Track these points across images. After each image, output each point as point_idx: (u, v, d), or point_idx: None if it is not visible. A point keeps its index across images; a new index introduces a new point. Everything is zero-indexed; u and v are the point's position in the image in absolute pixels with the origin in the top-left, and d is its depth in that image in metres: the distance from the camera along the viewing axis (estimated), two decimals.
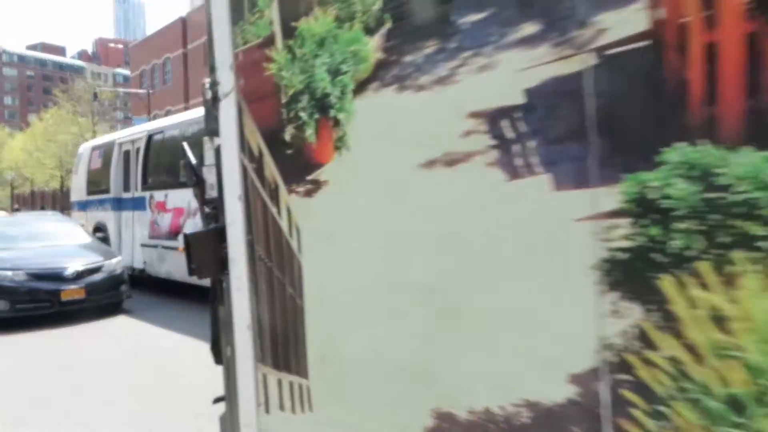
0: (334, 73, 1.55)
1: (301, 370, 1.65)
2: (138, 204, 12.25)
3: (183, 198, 10.61)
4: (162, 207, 11.30)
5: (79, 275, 9.66)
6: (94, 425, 5.17)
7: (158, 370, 6.79)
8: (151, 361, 7.29)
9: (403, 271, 1.46)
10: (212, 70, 1.91)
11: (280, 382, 1.70)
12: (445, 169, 1.35)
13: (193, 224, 10.30)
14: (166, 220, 11.32)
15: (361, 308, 1.55)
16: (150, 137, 12.00)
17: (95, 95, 45.02)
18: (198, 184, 2.16)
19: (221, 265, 1.92)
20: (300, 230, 1.67)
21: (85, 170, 14.75)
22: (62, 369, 7.02)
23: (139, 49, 60.18)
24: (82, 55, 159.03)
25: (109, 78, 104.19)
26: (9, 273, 9.40)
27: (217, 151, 1.97)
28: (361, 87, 1.51)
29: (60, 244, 10.80)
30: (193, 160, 2.24)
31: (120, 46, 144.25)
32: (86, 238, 11.46)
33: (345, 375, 1.59)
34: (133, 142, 12.67)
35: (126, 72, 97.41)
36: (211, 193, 2.12)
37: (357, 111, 1.52)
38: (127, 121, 65.71)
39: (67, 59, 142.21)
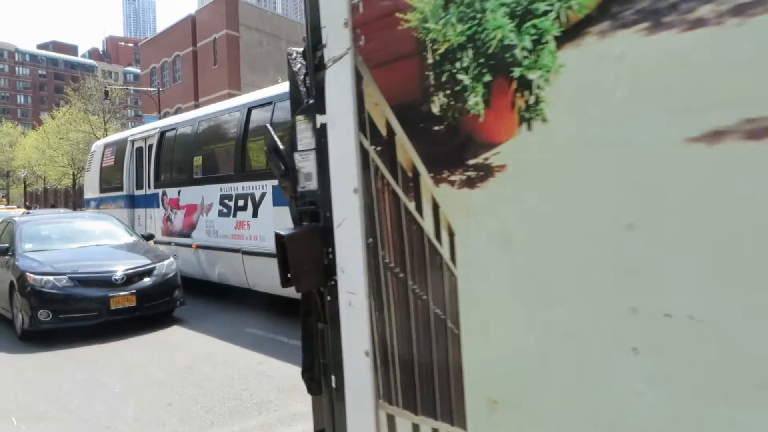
0: (522, 15, 1.08)
1: (455, 417, 1.20)
2: (151, 201, 11.88)
3: (196, 195, 10.25)
4: (175, 204, 10.92)
5: (129, 279, 8.31)
6: None
7: (233, 404, 5.39)
8: (223, 392, 5.71)
9: (628, 295, 1.00)
10: (314, 30, 1.50)
11: (417, 429, 1.27)
12: (740, 144, 0.87)
13: (206, 221, 9.91)
14: (179, 218, 10.93)
15: (553, 340, 1.09)
16: (162, 134, 11.63)
17: (106, 93, 44.68)
18: (287, 174, 1.75)
19: (325, 273, 1.52)
20: (455, 232, 1.22)
21: (98, 167, 14.39)
22: (116, 398, 5.64)
23: (149, 47, 59.91)
24: (92, 53, 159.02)
25: (119, 76, 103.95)
26: (50, 278, 8.00)
27: (320, 133, 1.56)
28: (573, 31, 1.03)
29: (102, 244, 9.59)
30: (281, 145, 1.83)
31: (130, 44, 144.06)
32: (130, 237, 10.06)
33: (526, 430, 1.13)
34: (145, 139, 12.30)
35: (136, 70, 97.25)
36: (307, 185, 1.71)
37: (565, 66, 1.06)
38: (137, 119, 65.45)
39: (78, 58, 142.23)
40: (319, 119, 1.55)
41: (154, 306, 8.58)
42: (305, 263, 1.55)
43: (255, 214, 8.89)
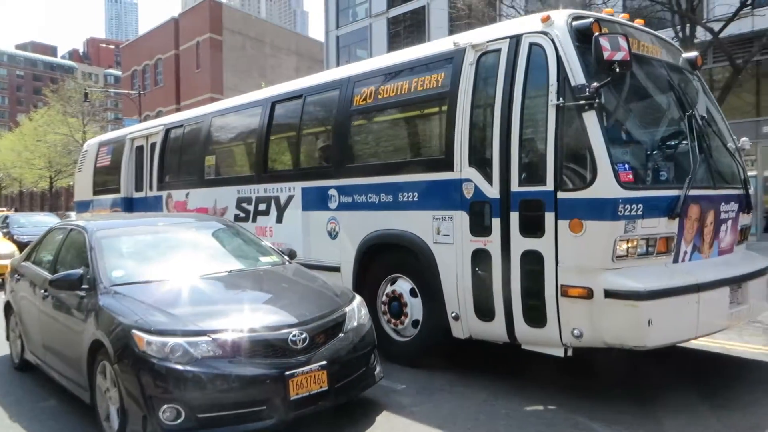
0: None
1: None
2: (152, 205, 10.62)
3: (208, 197, 9.05)
4: (182, 207, 9.69)
5: (312, 341, 4.56)
6: None
7: None
8: None
9: None
10: None
11: None
12: None
13: None
14: None
15: None
16: (168, 131, 10.39)
17: (86, 95, 42.84)
18: None
19: None
20: None
21: (91, 168, 13.04)
22: None
23: (131, 49, 58.28)
24: (72, 54, 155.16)
25: (100, 78, 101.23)
26: (180, 342, 4.24)
27: None
28: None
29: (235, 270, 5.68)
30: None
31: (111, 46, 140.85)
32: (269, 256, 6.20)
33: None
34: (147, 137, 11.04)
35: (117, 72, 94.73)
36: None
37: None
38: (117, 122, 63.38)
39: (57, 59, 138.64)
40: None
41: (350, 385, 4.79)
42: None
43: (279, 219, 7.73)
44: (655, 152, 5.40)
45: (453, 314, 5.80)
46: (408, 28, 35.78)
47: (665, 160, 5.40)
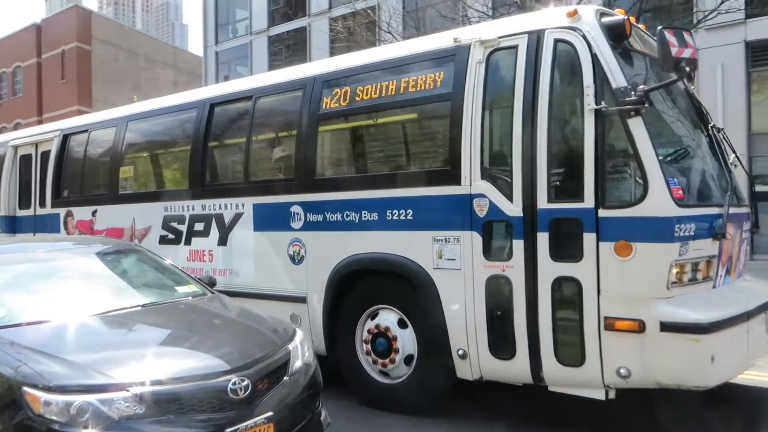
0: None
1: None
2: (44, 224, 8.96)
3: (123, 215, 7.63)
4: (86, 228, 8.17)
5: (254, 389, 3.66)
6: None
7: None
8: None
9: None
10: None
11: None
12: None
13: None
14: None
15: None
16: (66, 138, 8.78)
17: None
18: None
19: None
20: None
21: None
22: None
23: None
24: None
25: None
26: (89, 399, 3.21)
27: None
28: None
29: (151, 303, 4.58)
30: None
31: None
32: (188, 286, 5.11)
33: None
34: (36, 144, 9.35)
35: None
36: None
37: None
38: None
39: None
40: None
41: None
42: None
43: (223, 242, 6.53)
44: (692, 166, 4.85)
45: (459, 352, 4.93)
46: (290, 47, 35.38)
47: (701, 174, 4.87)
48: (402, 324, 5.33)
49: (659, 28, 4.18)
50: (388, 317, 5.41)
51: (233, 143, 7.02)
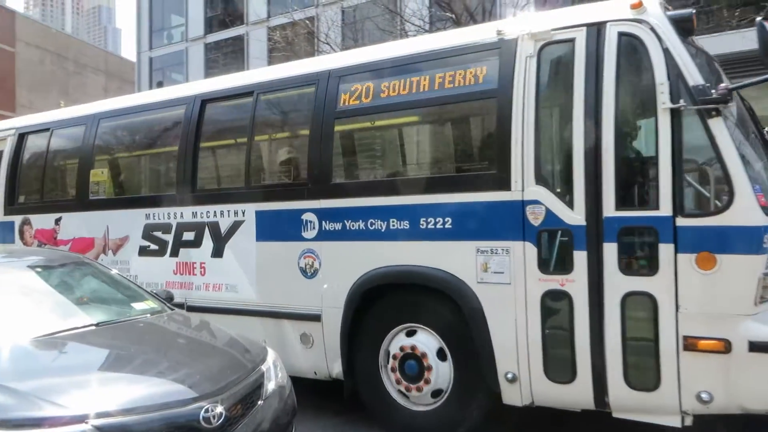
0: None
1: None
2: None
3: (94, 224, 6.82)
4: (48, 238, 7.31)
5: (229, 417, 3.28)
6: None
7: None
8: None
9: None
10: None
11: None
12: None
13: (111, 264, 6.55)
14: None
15: None
16: (23, 137, 7.85)
17: None
18: None
19: None
20: None
21: None
22: None
23: None
24: None
25: None
26: None
27: None
28: None
29: (107, 321, 4.16)
30: None
31: None
32: (145, 302, 4.70)
33: None
34: None
35: None
36: None
37: None
38: None
39: None
40: None
41: None
42: None
43: (218, 253, 5.85)
44: (764, 171, 4.52)
45: (508, 375, 4.44)
46: (228, 54, 34.83)
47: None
48: (441, 355, 4.78)
49: (758, 19, 3.83)
50: (425, 341, 4.86)
51: (231, 144, 6.36)
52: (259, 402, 3.61)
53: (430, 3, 19.24)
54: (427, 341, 4.82)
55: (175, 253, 6.16)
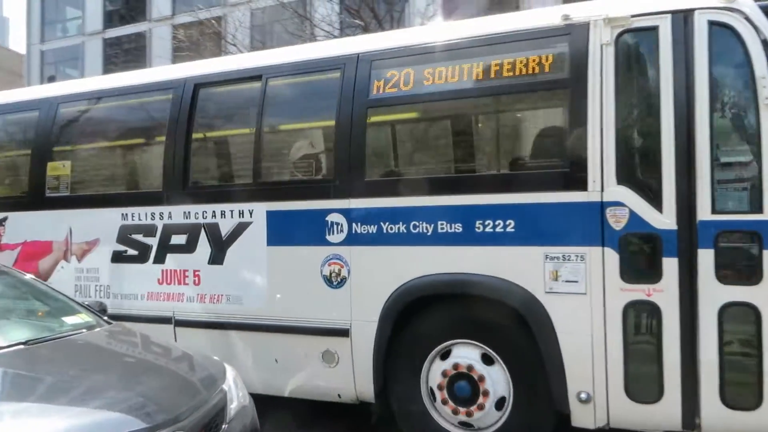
0: None
1: None
2: None
3: (52, 224, 5.86)
4: None
5: None
6: None
7: None
8: None
9: None
10: None
11: None
12: None
13: (76, 272, 5.67)
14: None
15: None
16: None
17: None
18: None
19: None
20: None
21: None
22: None
23: None
24: None
25: None
26: None
27: None
28: None
29: (37, 339, 3.50)
30: None
31: None
32: (78, 315, 4.05)
33: None
34: None
35: None
36: None
37: None
38: None
39: None
40: None
41: None
42: None
43: (218, 259, 5.11)
44: None
45: (582, 395, 4.01)
46: (129, 51, 33.42)
47: None
48: (487, 360, 4.31)
49: None
50: (466, 353, 4.36)
51: (234, 135, 5.59)
52: (224, 426, 3.17)
53: (340, 9, 19.06)
54: (466, 352, 4.34)
55: (160, 260, 5.34)
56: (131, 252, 5.46)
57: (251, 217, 4.97)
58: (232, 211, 5.04)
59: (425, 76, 4.53)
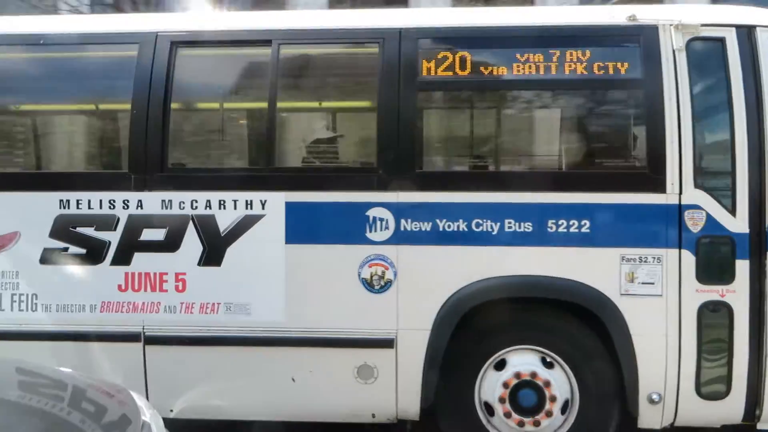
0: None
1: None
2: None
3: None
4: None
5: None
6: None
7: None
8: None
9: None
10: None
11: None
12: None
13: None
14: None
15: None
16: None
17: None
18: None
19: None
20: None
21: None
22: None
23: None
24: None
25: None
26: None
27: None
28: None
29: None
30: None
31: None
32: None
33: None
34: None
35: None
36: None
37: None
38: None
39: None
40: None
41: None
42: None
43: (214, 260, 4.20)
44: None
45: (653, 396, 4.03)
46: None
47: None
48: (547, 363, 4.14)
49: None
50: (524, 359, 4.14)
51: (235, 108, 4.53)
52: None
53: None
54: (525, 358, 4.15)
55: (122, 261, 4.18)
56: (75, 250, 4.19)
57: (263, 208, 4.11)
58: (235, 201, 4.13)
59: (485, 63, 4.16)
